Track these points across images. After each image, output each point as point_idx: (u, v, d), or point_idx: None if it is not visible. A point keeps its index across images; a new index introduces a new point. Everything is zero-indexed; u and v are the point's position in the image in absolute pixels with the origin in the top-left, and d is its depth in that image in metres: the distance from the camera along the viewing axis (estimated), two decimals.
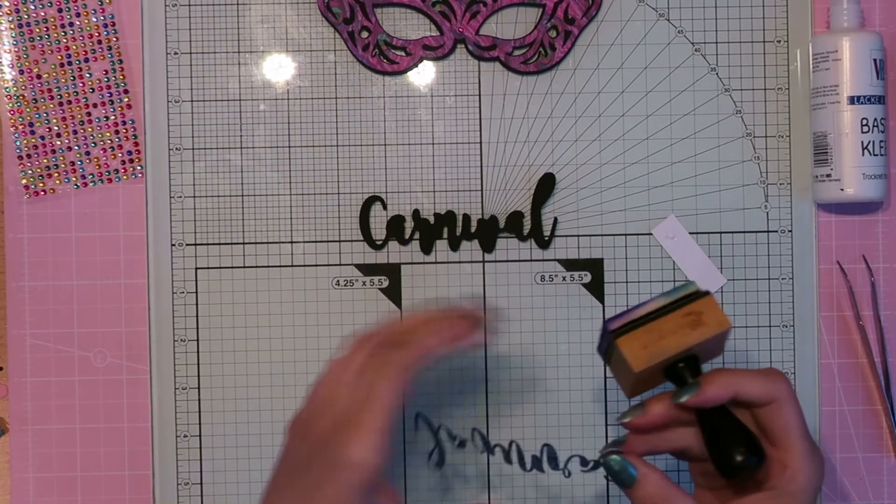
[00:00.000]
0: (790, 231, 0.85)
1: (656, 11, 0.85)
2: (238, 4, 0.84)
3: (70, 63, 0.84)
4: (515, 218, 0.84)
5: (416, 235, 0.84)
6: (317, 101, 0.84)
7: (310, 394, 0.67)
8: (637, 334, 0.66)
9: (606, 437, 0.84)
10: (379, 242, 0.84)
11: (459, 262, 0.84)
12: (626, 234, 0.85)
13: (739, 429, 0.65)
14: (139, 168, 0.84)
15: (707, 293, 0.67)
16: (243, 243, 0.84)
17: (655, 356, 0.65)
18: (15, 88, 0.83)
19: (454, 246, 0.84)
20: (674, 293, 0.67)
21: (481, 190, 0.84)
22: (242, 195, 0.84)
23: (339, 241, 0.84)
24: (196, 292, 0.84)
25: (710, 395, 0.65)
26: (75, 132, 0.84)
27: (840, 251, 0.85)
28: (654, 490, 0.65)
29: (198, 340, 0.84)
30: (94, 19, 0.84)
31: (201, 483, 0.84)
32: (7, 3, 0.83)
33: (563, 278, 0.85)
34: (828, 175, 0.82)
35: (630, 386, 0.68)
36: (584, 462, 0.69)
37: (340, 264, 0.84)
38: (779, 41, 0.85)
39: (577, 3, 0.84)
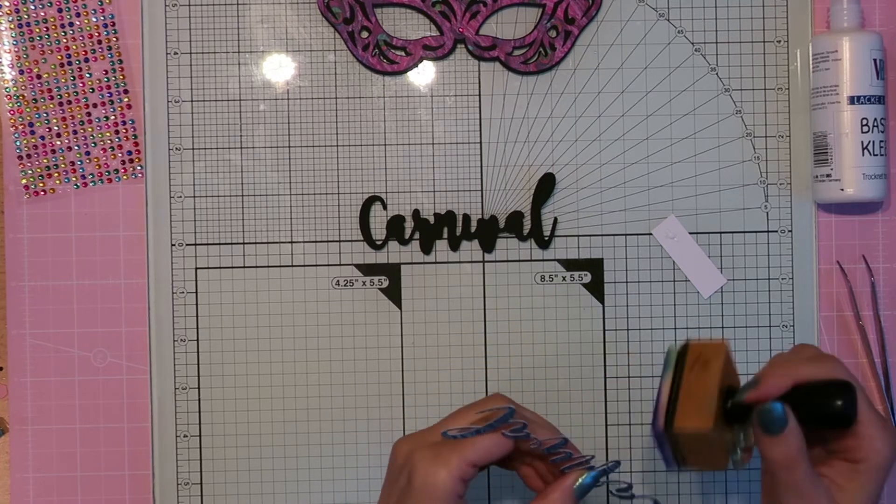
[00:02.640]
0: (790, 231, 0.85)
1: (656, 11, 0.85)
2: (238, 4, 0.84)
3: (70, 63, 0.84)
4: (515, 218, 0.84)
5: (416, 235, 0.84)
6: (317, 101, 0.84)
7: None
8: (682, 409, 0.68)
9: (606, 437, 0.84)
10: (379, 242, 0.84)
11: (459, 262, 0.84)
12: (626, 234, 0.85)
13: (823, 383, 0.67)
14: (139, 168, 0.84)
15: (686, 344, 0.70)
16: (243, 243, 0.84)
17: (710, 407, 0.67)
18: (15, 88, 0.83)
19: (454, 246, 0.84)
20: (669, 365, 0.69)
21: (481, 190, 0.84)
22: (242, 195, 0.84)
23: (339, 241, 0.84)
24: (196, 292, 0.84)
25: (768, 389, 0.67)
26: (75, 132, 0.84)
27: (840, 251, 0.85)
28: (797, 446, 0.65)
29: (198, 340, 0.84)
30: (94, 19, 0.84)
31: (201, 483, 0.84)
32: (7, 3, 0.83)
33: (563, 278, 0.85)
34: (828, 175, 0.82)
35: (719, 457, 0.69)
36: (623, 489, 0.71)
37: (340, 264, 0.84)
38: (779, 41, 0.85)
39: (577, 3, 0.84)
